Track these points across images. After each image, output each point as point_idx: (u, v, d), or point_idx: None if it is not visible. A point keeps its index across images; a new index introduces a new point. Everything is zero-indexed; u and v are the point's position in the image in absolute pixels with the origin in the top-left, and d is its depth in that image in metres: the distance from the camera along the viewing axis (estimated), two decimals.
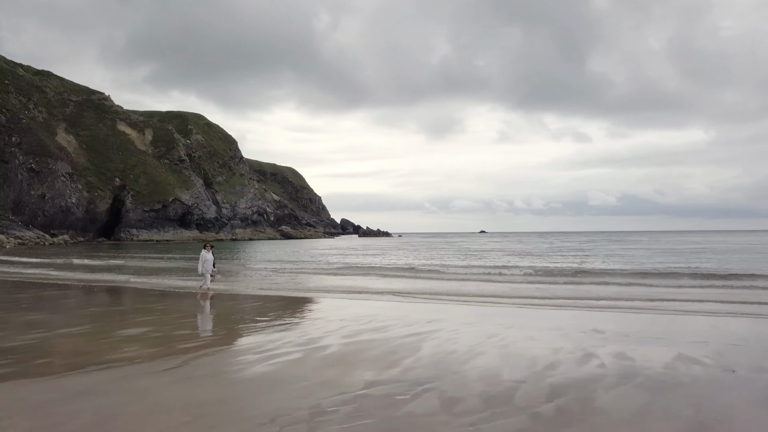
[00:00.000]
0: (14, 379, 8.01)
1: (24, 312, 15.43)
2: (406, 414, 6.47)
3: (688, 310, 15.53)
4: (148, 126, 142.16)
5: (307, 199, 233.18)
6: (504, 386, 7.65)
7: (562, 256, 49.57)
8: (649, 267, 33.04)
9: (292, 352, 9.97)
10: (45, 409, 6.62)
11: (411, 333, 11.81)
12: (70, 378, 8.08)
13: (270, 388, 7.56)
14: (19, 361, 9.23)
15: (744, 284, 22.62)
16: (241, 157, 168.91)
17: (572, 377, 8.15)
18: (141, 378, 8.10)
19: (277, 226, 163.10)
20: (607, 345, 10.50)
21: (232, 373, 8.44)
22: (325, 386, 7.62)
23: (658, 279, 25.51)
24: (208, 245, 20.34)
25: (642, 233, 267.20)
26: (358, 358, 9.46)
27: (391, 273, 31.00)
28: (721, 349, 10.17)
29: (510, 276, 28.14)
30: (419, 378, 8.06)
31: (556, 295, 19.39)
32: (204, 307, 16.49)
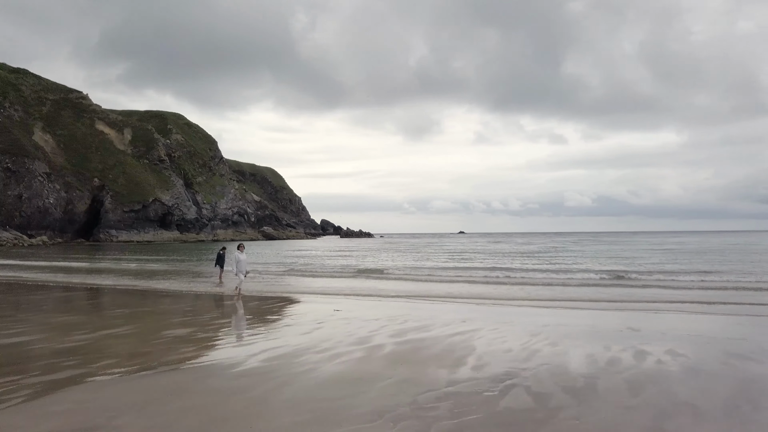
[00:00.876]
0: (94, 378, 8.02)
1: (50, 314, 15.28)
2: (506, 409, 6.68)
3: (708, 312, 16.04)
4: (127, 125, 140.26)
5: (286, 199, 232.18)
6: (580, 381, 7.90)
7: (562, 257, 50.27)
8: (663, 268, 33.76)
9: (351, 351, 10.11)
10: (151, 407, 6.68)
11: (454, 332, 12.01)
12: (154, 378, 8.13)
13: (355, 386, 7.70)
14: (86, 362, 9.21)
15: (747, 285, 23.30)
16: (221, 158, 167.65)
17: (640, 372, 8.44)
18: (221, 377, 8.18)
19: (257, 226, 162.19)
20: (652, 342, 10.83)
21: (306, 372, 8.53)
22: (409, 383, 7.78)
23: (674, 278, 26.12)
24: (241, 246, 20.34)
25: (618, 234, 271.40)
26: (420, 357, 9.63)
27: (394, 275, 31.21)
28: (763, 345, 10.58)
29: (515, 278, 28.52)
30: (495, 375, 8.27)
31: (570, 297, 19.78)
32: (237, 308, 16.50)
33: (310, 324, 13.30)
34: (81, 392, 7.43)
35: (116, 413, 6.50)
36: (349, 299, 18.79)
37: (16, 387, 7.60)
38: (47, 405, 6.85)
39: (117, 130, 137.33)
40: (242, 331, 12.54)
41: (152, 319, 14.37)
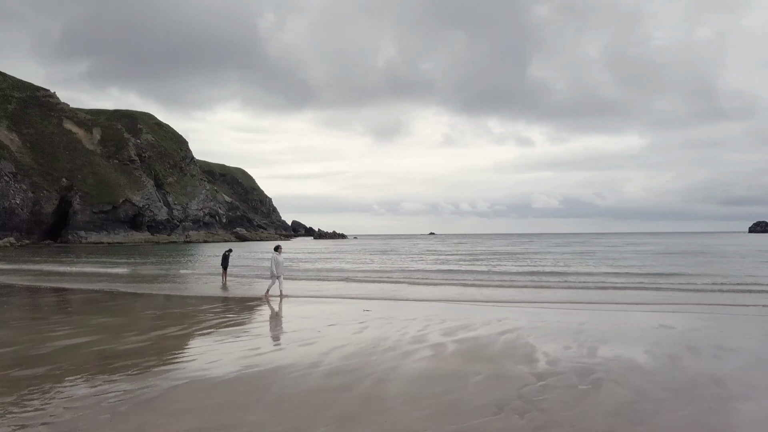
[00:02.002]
0: (190, 376, 8.14)
1: (84, 315, 15.15)
2: (610, 401, 7.07)
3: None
4: (96, 125, 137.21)
5: (257, 200, 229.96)
6: (662, 375, 8.36)
7: (546, 260, 51.18)
8: (664, 270, 34.77)
9: (417, 349, 10.40)
10: (275, 405, 6.89)
11: (501, 331, 12.40)
12: (253, 377, 8.32)
13: (451, 381, 8.01)
14: (166, 361, 9.30)
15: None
16: (192, 158, 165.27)
17: (706, 366, 8.95)
18: (311, 377, 8.39)
19: (229, 227, 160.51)
20: (694, 338, 11.40)
21: (391, 370, 8.80)
22: (500, 379, 8.14)
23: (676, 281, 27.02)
24: (279, 247, 20.29)
25: (586, 235, 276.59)
26: (488, 354, 9.98)
27: (393, 278, 31.52)
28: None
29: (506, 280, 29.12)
30: (574, 369, 8.68)
31: (577, 300, 20.41)
32: (276, 310, 16.62)
33: (353, 324, 13.52)
34: (191, 391, 7.57)
35: (245, 410, 6.68)
36: (369, 302, 18.98)
37: (123, 386, 7.69)
38: (169, 404, 6.98)
39: (86, 129, 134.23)
40: (291, 331, 12.65)
41: (191, 320, 14.38)
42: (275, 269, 19.35)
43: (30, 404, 6.95)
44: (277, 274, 19.36)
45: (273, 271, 19.43)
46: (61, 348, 10.64)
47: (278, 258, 19.45)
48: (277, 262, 19.34)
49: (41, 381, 8.08)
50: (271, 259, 19.63)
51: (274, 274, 19.41)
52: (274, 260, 19.41)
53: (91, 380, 8.14)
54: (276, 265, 19.33)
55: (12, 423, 6.26)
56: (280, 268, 19.43)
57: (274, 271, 19.37)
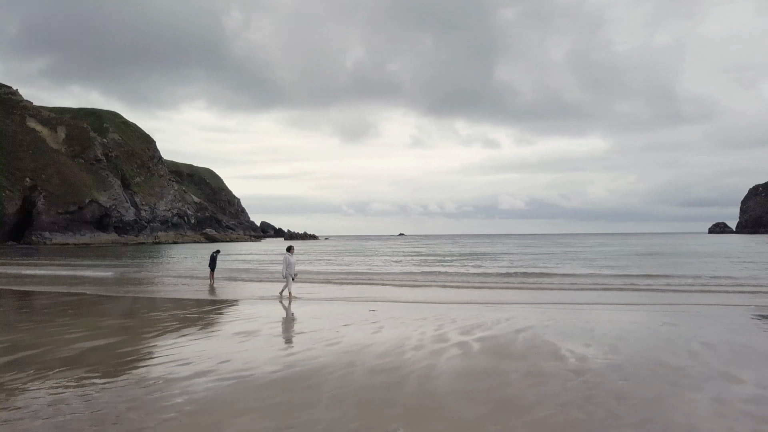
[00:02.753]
0: (241, 375, 8.21)
1: (92, 318, 14.94)
2: (654, 394, 7.43)
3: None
4: (60, 123, 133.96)
5: (225, 201, 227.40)
6: (691, 370, 8.77)
7: (529, 260, 52.02)
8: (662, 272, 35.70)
9: (445, 348, 10.64)
10: (344, 402, 7.03)
11: (515, 329, 12.74)
12: (300, 376, 8.46)
13: (493, 378, 8.29)
14: (205, 362, 9.34)
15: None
16: (160, 158, 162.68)
17: (719, 359, 9.42)
18: (356, 375, 8.55)
19: (198, 228, 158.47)
20: (701, 334, 11.91)
21: (430, 367, 9.02)
22: (541, 375, 8.43)
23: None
24: (291, 248, 20.25)
25: (552, 236, 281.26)
26: (515, 351, 10.29)
27: (382, 281, 31.75)
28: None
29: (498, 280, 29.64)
30: (608, 365, 9.03)
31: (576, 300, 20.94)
32: (287, 311, 16.64)
33: (368, 324, 13.69)
34: (244, 391, 7.65)
35: (311, 409, 6.81)
36: (367, 303, 19.14)
37: (172, 388, 7.72)
38: (232, 403, 7.07)
39: (50, 128, 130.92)
40: (310, 331, 12.73)
41: (202, 322, 14.34)
42: (288, 270, 19.34)
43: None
44: (291, 275, 19.36)
45: (285, 272, 19.42)
46: (87, 350, 10.55)
47: (290, 259, 19.46)
48: (289, 263, 19.34)
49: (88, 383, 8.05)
50: (284, 260, 19.62)
51: (287, 275, 19.40)
52: (286, 261, 19.41)
53: (140, 381, 8.14)
54: (288, 265, 19.33)
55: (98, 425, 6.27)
56: (291, 269, 19.42)
57: (287, 272, 19.36)
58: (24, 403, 7.04)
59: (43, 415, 6.58)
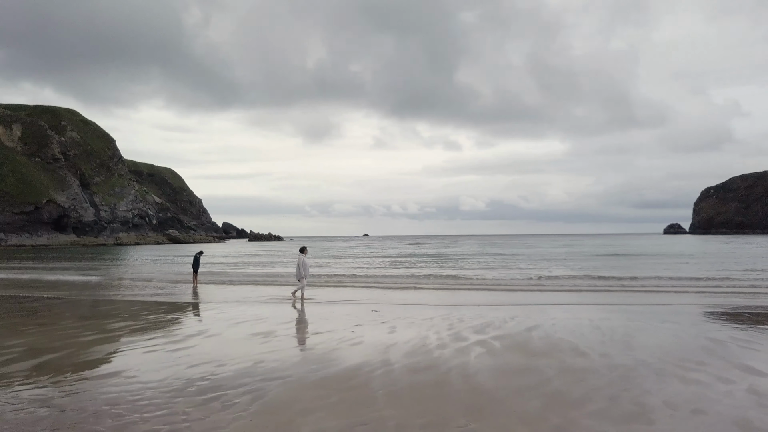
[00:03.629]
0: (290, 374, 8.31)
1: (98, 320, 14.69)
2: (692, 389, 7.85)
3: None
4: (15, 121, 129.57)
5: (187, 201, 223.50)
6: (714, 365, 9.26)
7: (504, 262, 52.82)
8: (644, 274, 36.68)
9: (468, 346, 10.92)
10: (402, 398, 7.21)
11: (525, 328, 13.12)
12: (338, 375, 8.59)
13: (532, 375, 8.60)
14: (238, 362, 9.38)
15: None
16: (120, 157, 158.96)
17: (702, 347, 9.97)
18: (394, 373, 8.74)
19: (160, 229, 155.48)
20: (704, 329, 12.52)
21: (464, 365, 9.28)
22: (574, 371, 8.79)
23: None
24: (305, 249, 20.19)
25: (512, 236, 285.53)
26: (538, 348, 10.63)
27: (366, 283, 31.89)
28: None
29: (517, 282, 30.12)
30: (630, 360, 9.45)
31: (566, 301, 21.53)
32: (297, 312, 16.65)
33: (379, 324, 13.87)
34: (297, 390, 7.76)
35: (373, 406, 6.99)
36: (366, 305, 19.31)
37: (225, 388, 7.78)
38: (292, 402, 7.18)
39: (5, 125, 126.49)
40: (326, 332, 12.82)
41: (213, 323, 14.27)
42: (302, 271, 19.37)
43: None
44: (304, 276, 19.40)
45: (300, 273, 19.45)
46: (110, 353, 10.44)
47: (304, 260, 19.48)
48: (304, 264, 19.37)
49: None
50: (297, 261, 19.64)
51: (301, 276, 19.44)
52: (301, 262, 19.44)
53: (189, 382, 8.15)
54: (303, 266, 19.36)
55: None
56: (306, 270, 19.45)
57: (301, 273, 19.39)
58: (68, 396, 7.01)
59: (107, 414, 6.58)
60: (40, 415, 6.66)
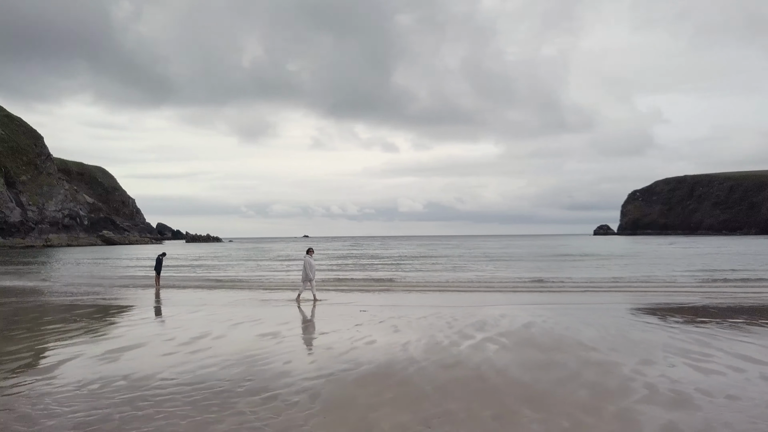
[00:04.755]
0: (331, 373, 8.45)
1: (92, 321, 14.22)
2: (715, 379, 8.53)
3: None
4: None
5: (119, 201, 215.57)
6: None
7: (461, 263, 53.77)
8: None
9: (479, 343, 11.34)
10: (455, 393, 7.50)
11: (521, 324, 13.70)
12: (376, 373, 8.80)
13: (561, 369, 9.08)
14: (274, 362, 9.42)
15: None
16: (49, 155, 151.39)
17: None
18: (427, 372, 9.04)
19: (92, 231, 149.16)
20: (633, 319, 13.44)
21: (489, 360, 9.68)
22: (595, 364, 9.33)
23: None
24: (311, 250, 19.97)
25: (449, 237, 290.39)
26: (546, 343, 11.20)
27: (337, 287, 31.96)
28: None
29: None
30: (637, 352, 10.11)
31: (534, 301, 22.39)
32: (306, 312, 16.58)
33: (379, 323, 14.10)
34: (348, 387, 7.93)
35: (434, 401, 7.25)
36: (347, 306, 19.48)
37: (276, 387, 7.85)
38: (353, 399, 7.35)
39: None
40: (332, 332, 12.93)
41: (228, 326, 14.10)
42: (308, 273, 19.27)
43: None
44: (310, 278, 19.31)
45: (306, 275, 19.35)
46: (126, 360, 10.24)
47: (311, 261, 19.39)
48: (310, 266, 19.30)
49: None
50: (304, 263, 19.56)
51: (307, 278, 19.37)
52: (307, 264, 19.34)
53: (235, 384, 8.16)
54: (310, 268, 19.26)
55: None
56: (312, 272, 19.36)
57: (308, 275, 19.29)
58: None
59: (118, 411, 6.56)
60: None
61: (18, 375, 8.84)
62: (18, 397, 7.50)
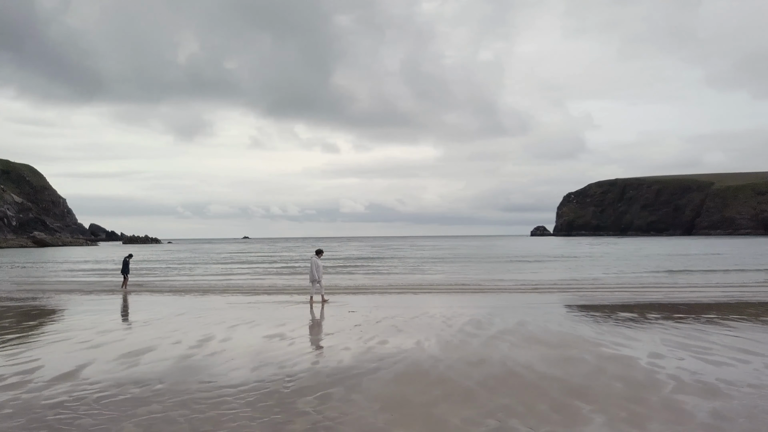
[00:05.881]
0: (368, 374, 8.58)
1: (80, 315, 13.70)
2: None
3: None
4: None
5: (49, 201, 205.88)
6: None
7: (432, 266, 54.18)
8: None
9: (489, 340, 11.71)
10: (501, 389, 7.81)
11: (517, 322, 14.20)
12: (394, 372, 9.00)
13: (579, 365, 9.54)
14: (302, 362, 9.47)
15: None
16: None
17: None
18: (459, 366, 9.32)
19: (21, 232, 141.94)
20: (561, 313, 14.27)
21: (508, 358, 10.05)
22: (614, 359, 9.86)
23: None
24: (321, 251, 19.95)
25: (392, 238, 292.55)
26: (553, 340, 11.66)
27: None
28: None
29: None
30: (640, 346, 10.73)
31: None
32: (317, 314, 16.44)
33: (377, 324, 14.26)
34: (396, 384, 8.10)
35: (476, 396, 7.53)
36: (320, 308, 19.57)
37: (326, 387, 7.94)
38: (413, 396, 7.53)
39: None
40: (338, 332, 13.01)
41: (221, 328, 13.90)
42: (316, 274, 19.21)
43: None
44: (318, 279, 19.24)
45: (314, 276, 19.33)
46: (155, 363, 10.04)
47: (318, 262, 19.27)
48: (317, 267, 19.20)
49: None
50: (311, 264, 19.49)
51: (315, 279, 19.33)
52: (314, 264, 19.28)
53: (279, 383, 8.19)
54: (316, 269, 19.20)
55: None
56: (320, 273, 19.26)
57: (315, 276, 19.22)
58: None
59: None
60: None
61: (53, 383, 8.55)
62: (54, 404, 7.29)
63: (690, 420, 6.51)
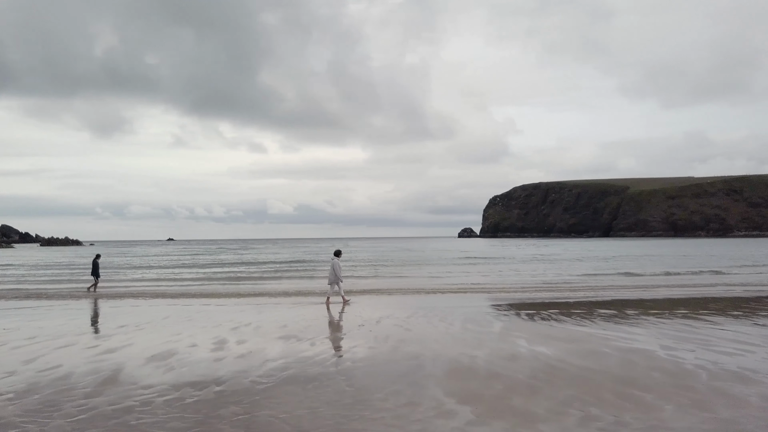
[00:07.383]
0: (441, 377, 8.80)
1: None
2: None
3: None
4: None
5: None
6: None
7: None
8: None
9: (502, 334, 12.17)
10: (548, 389, 8.23)
11: (515, 317, 14.78)
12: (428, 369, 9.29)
13: (595, 359, 10.15)
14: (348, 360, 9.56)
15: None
16: None
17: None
18: (497, 361, 9.72)
19: None
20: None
21: (535, 359, 10.54)
22: (622, 351, 10.53)
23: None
24: (340, 252, 19.96)
25: (321, 240, 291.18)
26: (562, 336, 12.26)
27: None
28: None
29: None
30: (641, 343, 11.51)
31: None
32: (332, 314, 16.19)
33: (379, 324, 14.45)
34: (450, 379, 8.37)
35: (541, 394, 7.93)
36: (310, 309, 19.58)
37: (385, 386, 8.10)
38: (475, 391, 7.81)
39: None
40: (349, 331, 13.11)
41: (223, 330, 13.63)
42: (337, 274, 19.09)
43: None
44: (338, 280, 19.18)
45: (335, 276, 19.19)
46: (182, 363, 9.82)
47: (338, 263, 19.28)
48: (338, 267, 19.15)
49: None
50: (332, 264, 19.35)
51: (335, 279, 19.20)
52: (336, 265, 19.19)
53: (336, 384, 8.28)
54: (338, 269, 19.14)
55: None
56: (339, 274, 19.20)
57: (336, 276, 19.11)
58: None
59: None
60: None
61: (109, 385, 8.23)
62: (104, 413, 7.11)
63: (747, 403, 7.16)
